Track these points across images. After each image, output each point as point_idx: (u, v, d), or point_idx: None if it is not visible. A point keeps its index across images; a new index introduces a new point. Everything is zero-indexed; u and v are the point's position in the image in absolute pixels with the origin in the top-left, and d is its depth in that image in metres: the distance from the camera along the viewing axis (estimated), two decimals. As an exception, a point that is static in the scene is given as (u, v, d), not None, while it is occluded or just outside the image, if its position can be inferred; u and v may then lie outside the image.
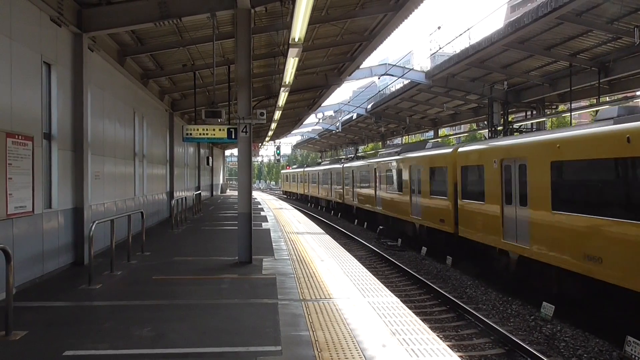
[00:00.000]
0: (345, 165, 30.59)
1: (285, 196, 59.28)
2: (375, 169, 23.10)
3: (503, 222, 11.47)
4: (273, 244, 12.37)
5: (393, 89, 27.87)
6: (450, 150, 15.17)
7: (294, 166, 70.27)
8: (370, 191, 23.88)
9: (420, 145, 19.71)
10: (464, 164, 13.76)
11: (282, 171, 75.02)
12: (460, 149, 14.25)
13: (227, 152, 58.16)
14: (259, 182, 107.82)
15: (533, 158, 10.36)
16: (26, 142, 7.62)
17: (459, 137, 38.53)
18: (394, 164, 20.02)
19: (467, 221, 13.47)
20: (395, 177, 19.94)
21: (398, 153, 20.13)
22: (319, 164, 45.61)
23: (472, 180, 13.34)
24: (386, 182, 21.21)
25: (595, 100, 17.77)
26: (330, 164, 37.52)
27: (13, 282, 5.47)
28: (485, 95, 20.02)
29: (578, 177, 9.32)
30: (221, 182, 49.29)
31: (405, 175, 18.45)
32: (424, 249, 16.36)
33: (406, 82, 22.91)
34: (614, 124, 8.39)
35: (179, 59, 15.18)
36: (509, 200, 11.29)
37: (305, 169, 47.84)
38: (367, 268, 9.68)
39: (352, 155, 36.91)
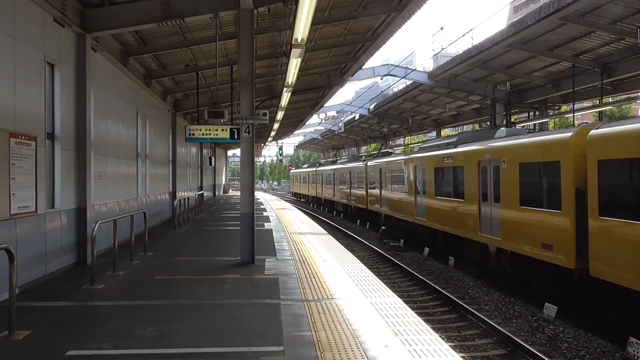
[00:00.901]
0: (370, 162, 25.16)
1: (295, 198, 54.72)
2: (415, 167, 17.80)
3: None
4: (275, 244, 12.38)
5: (395, 90, 27.87)
6: (568, 134, 9.56)
7: (305, 165, 61.07)
8: (408, 197, 18.46)
9: (486, 133, 14.53)
10: (608, 155, 8.20)
11: (291, 171, 67.70)
12: (595, 131, 8.58)
13: (230, 153, 58.24)
14: (262, 182, 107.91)
15: None
16: (29, 142, 7.64)
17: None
18: (450, 159, 14.77)
19: (616, 254, 7.96)
20: (451, 178, 14.81)
21: (454, 145, 15.05)
22: (334, 162, 39.32)
23: (629, 183, 8.05)
24: (435, 185, 15.94)
25: (598, 101, 17.75)
26: (349, 161, 31.66)
27: (16, 281, 5.48)
28: (488, 96, 20.01)
29: None
30: (223, 182, 49.33)
31: (470, 176, 13.27)
32: (427, 250, 16.31)
33: (409, 82, 22.92)
34: None
35: (181, 59, 15.21)
36: None
37: (318, 169, 41.20)
38: (369, 268, 9.69)
39: (377, 152, 30.70)
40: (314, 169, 43.47)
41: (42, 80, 8.30)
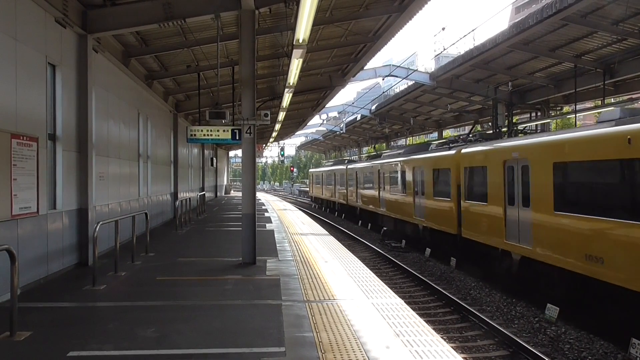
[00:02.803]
0: (467, 150, 14.01)
1: (315, 205, 43.52)
2: None
3: None
4: (277, 245, 12.37)
5: (397, 90, 27.85)
6: None
7: (327, 162, 47.03)
8: (624, 228, 7.76)
9: None
10: None
11: (310, 170, 55.58)
12: None
13: (231, 153, 58.28)
14: (263, 183, 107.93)
15: None
16: (31, 143, 7.65)
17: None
18: None
19: None
20: None
21: None
22: (377, 156, 28.28)
23: None
24: None
25: (600, 102, 17.72)
26: (406, 153, 20.29)
27: (17, 282, 5.48)
28: (490, 97, 19.96)
29: None
30: (225, 183, 49.35)
31: None
32: (428, 250, 16.29)
33: (410, 83, 22.90)
34: None
35: (183, 60, 15.22)
36: None
37: (349, 166, 30.06)
38: (371, 269, 9.67)
39: (468, 135, 18.18)
40: (344, 166, 31.58)
41: (43, 81, 8.31)
